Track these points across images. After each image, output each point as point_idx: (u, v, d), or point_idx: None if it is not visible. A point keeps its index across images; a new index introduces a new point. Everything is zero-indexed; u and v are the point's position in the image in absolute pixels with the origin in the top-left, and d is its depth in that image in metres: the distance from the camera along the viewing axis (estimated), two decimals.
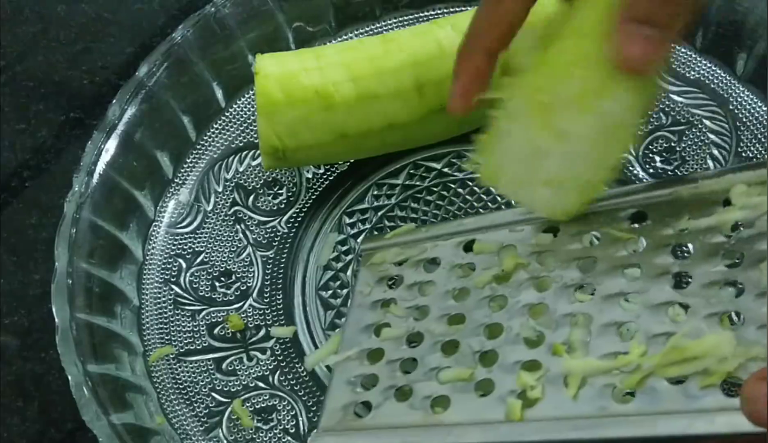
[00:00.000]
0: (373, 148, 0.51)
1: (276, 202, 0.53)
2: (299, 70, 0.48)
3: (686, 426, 0.32)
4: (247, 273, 0.50)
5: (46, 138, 0.58)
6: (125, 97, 0.50)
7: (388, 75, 0.48)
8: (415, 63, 0.48)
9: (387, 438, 0.38)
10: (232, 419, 0.45)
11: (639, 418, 0.33)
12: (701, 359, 0.33)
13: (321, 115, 0.48)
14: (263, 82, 0.48)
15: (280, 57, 0.50)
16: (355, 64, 0.48)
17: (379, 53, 0.49)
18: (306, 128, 0.48)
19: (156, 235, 0.51)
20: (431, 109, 0.49)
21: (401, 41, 0.49)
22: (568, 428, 0.34)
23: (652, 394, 0.33)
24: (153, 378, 0.46)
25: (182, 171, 0.53)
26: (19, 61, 0.61)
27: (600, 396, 0.35)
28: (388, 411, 0.39)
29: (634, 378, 0.34)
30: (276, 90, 0.48)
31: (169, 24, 0.62)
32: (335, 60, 0.49)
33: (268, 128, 0.48)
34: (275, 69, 0.48)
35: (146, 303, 0.49)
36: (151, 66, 0.51)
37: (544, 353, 0.37)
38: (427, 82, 0.48)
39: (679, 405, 0.33)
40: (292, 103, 0.48)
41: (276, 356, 0.47)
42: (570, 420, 0.35)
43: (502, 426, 0.36)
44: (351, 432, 0.40)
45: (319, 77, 0.48)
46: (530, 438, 0.35)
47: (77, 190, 0.47)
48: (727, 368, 0.32)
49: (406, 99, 0.48)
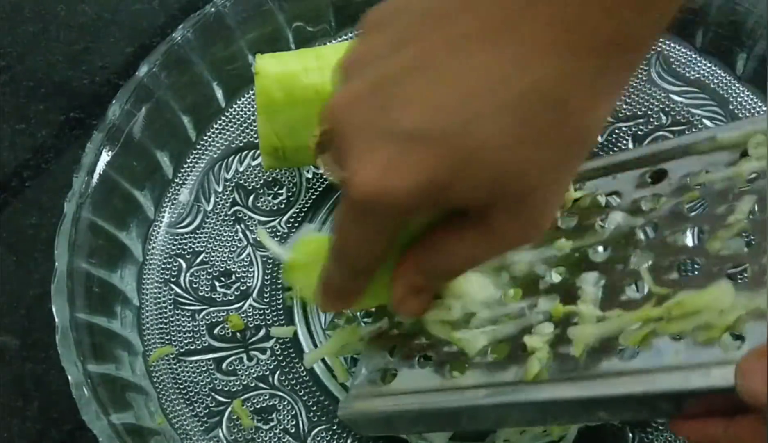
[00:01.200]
0: None
1: (276, 202, 0.53)
2: (299, 70, 0.48)
3: (683, 380, 0.32)
4: (247, 273, 0.50)
5: (46, 138, 0.58)
6: (125, 97, 0.50)
7: None
8: None
9: (407, 401, 0.40)
10: (232, 419, 0.45)
11: (638, 375, 0.33)
12: (702, 312, 0.33)
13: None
14: (263, 81, 0.48)
15: (281, 57, 0.50)
16: None
17: None
18: (306, 127, 0.48)
19: (156, 235, 0.51)
20: None
21: None
22: (575, 388, 0.35)
23: (654, 351, 0.33)
24: (153, 378, 0.46)
25: (182, 171, 0.53)
26: (19, 61, 0.61)
27: (605, 353, 0.35)
28: (410, 377, 0.40)
29: (637, 336, 0.34)
30: (276, 90, 0.48)
31: (169, 24, 0.62)
32: (335, 60, 0.48)
33: (268, 127, 0.48)
34: (275, 69, 0.48)
35: (146, 303, 0.49)
36: (151, 66, 0.51)
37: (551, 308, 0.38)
38: None
39: (678, 360, 0.33)
40: (292, 103, 0.48)
41: (276, 356, 0.47)
42: (575, 380, 0.35)
43: (509, 388, 0.37)
44: (376, 398, 0.41)
45: (320, 77, 0.48)
46: (537, 397, 0.36)
47: (77, 190, 0.47)
48: (727, 321, 0.32)
49: None
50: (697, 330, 0.33)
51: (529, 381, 0.36)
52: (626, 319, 0.35)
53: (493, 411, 0.38)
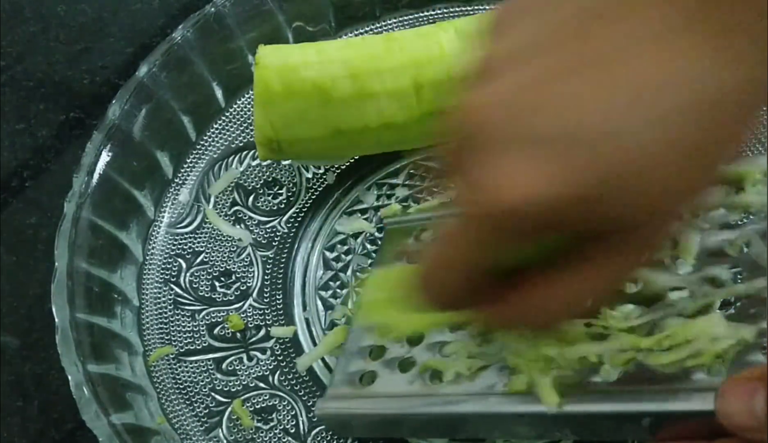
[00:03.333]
0: (369, 146, 0.51)
1: (276, 202, 0.53)
2: (299, 64, 0.48)
3: (662, 401, 0.33)
4: (247, 273, 0.50)
5: (46, 138, 0.58)
6: (125, 97, 0.50)
7: (386, 74, 0.48)
8: (414, 64, 0.48)
9: (386, 404, 0.40)
10: (232, 419, 0.45)
11: (620, 394, 0.34)
12: (693, 342, 0.34)
13: (317, 109, 0.48)
14: (262, 72, 0.48)
15: (282, 49, 0.50)
16: (355, 61, 0.48)
17: (380, 52, 0.49)
18: (302, 120, 0.48)
19: (156, 235, 0.51)
20: (428, 111, 0.48)
21: (403, 41, 0.50)
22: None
23: (638, 372, 0.34)
24: (153, 378, 0.46)
25: (182, 171, 0.53)
26: (19, 61, 0.61)
27: (589, 372, 0.35)
28: (391, 381, 0.41)
29: (623, 357, 0.35)
30: (274, 81, 0.48)
31: (169, 24, 0.62)
32: (335, 56, 0.49)
33: (263, 118, 0.48)
34: (275, 60, 0.48)
35: (146, 303, 0.49)
36: (151, 66, 0.51)
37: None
38: (426, 83, 0.48)
39: (663, 384, 0.33)
40: (290, 96, 0.48)
41: (276, 356, 0.47)
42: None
43: (491, 398, 0.37)
44: (355, 399, 0.41)
45: (318, 72, 0.48)
46: (517, 410, 0.36)
47: (77, 190, 0.47)
48: (718, 348, 0.33)
49: (404, 99, 0.48)
50: (688, 358, 0.33)
51: (511, 392, 0.36)
52: (616, 343, 0.35)
53: (472, 420, 0.38)
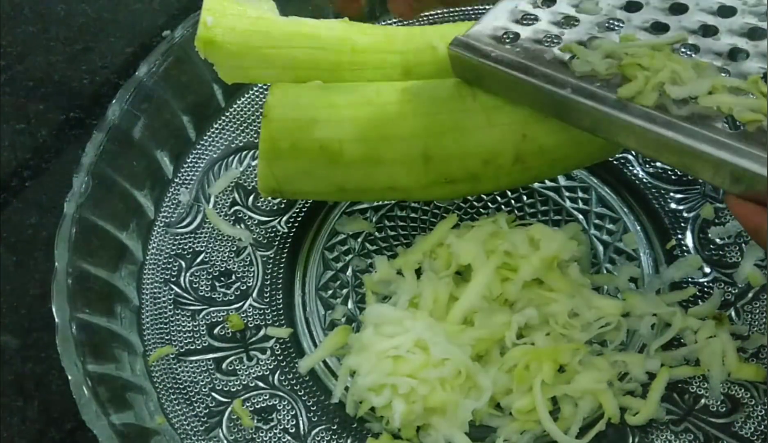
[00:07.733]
0: (373, 199, 0.52)
1: (276, 202, 0.53)
2: (308, 121, 0.46)
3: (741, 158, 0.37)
4: (247, 273, 0.50)
5: (46, 138, 0.58)
6: (125, 97, 0.50)
7: (397, 142, 0.46)
8: (426, 132, 0.46)
9: (510, 68, 0.42)
10: (232, 419, 0.45)
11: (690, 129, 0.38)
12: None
13: (323, 169, 0.46)
14: (271, 125, 0.46)
15: (291, 95, 0.47)
16: (366, 125, 0.46)
17: (392, 115, 0.46)
18: (307, 176, 0.47)
19: (156, 235, 0.51)
20: (435, 180, 0.47)
21: (421, 94, 0.47)
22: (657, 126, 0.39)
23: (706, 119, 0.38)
24: (153, 378, 0.46)
25: (182, 171, 0.53)
26: (19, 61, 0.61)
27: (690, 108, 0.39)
28: (533, 53, 0.42)
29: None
30: (281, 138, 0.46)
31: (169, 24, 0.62)
32: (347, 114, 0.46)
33: (268, 171, 0.47)
34: (284, 112, 0.46)
35: (146, 303, 0.49)
36: (151, 66, 0.51)
37: None
38: (436, 156, 0.46)
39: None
40: (296, 155, 0.46)
41: (276, 356, 0.47)
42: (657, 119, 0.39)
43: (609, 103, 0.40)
44: (487, 47, 0.43)
45: (327, 132, 0.46)
46: (627, 119, 0.39)
47: (77, 190, 0.47)
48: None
49: (412, 167, 0.46)
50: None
51: (620, 98, 0.39)
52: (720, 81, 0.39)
53: (578, 108, 0.41)
